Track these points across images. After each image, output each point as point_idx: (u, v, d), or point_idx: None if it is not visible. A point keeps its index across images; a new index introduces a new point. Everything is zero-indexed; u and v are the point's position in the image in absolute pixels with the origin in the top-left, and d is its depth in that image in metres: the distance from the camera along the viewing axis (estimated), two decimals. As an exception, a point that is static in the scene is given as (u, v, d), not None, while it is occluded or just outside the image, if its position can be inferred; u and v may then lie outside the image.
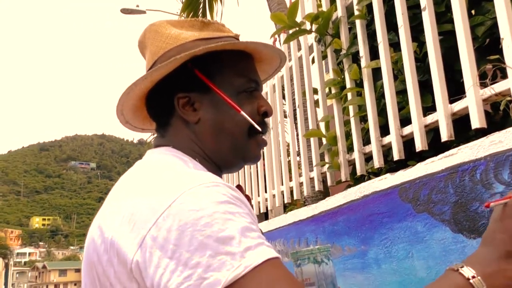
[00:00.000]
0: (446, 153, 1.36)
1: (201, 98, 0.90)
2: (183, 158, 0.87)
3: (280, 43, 3.30)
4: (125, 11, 13.39)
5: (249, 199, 0.89)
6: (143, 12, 13.68)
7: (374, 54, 2.09)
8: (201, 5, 5.44)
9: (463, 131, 1.66)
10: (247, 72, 0.93)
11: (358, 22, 2.10)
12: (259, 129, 0.91)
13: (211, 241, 0.66)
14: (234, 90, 0.90)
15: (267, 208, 3.13)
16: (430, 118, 1.68)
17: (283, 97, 3.16)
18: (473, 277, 0.68)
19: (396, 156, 1.81)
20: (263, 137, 0.95)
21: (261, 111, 0.93)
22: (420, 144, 1.69)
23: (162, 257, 0.67)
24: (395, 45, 1.98)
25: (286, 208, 3.87)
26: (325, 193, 3.06)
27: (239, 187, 0.90)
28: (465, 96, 1.52)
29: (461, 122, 1.63)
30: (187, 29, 0.94)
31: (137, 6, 13.67)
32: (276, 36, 3.30)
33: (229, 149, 0.91)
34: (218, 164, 0.93)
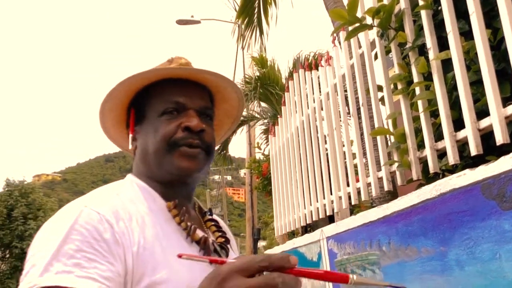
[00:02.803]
0: (534, 144, 1.26)
1: (140, 130, 1.03)
2: (127, 180, 1.01)
3: (339, 43, 3.22)
4: (181, 22, 13.67)
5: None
6: (198, 22, 13.93)
7: (441, 45, 1.99)
8: (256, 10, 5.44)
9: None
10: (169, 96, 1.01)
11: (423, 13, 2.00)
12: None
13: (38, 249, 0.78)
14: (155, 115, 1.00)
15: (333, 210, 3.06)
16: (510, 109, 1.57)
17: (345, 97, 3.08)
18: None
19: (473, 151, 1.70)
20: (188, 148, 0.99)
21: (182, 127, 0.98)
22: (500, 137, 1.57)
23: None
24: (464, 34, 1.88)
25: (352, 211, 3.77)
26: (393, 193, 2.95)
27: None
28: (551, 83, 1.40)
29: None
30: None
31: (192, 16, 13.91)
32: (335, 35, 3.23)
33: (156, 166, 0.99)
34: (159, 181, 1.00)
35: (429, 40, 1.97)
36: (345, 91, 3.08)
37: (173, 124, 0.98)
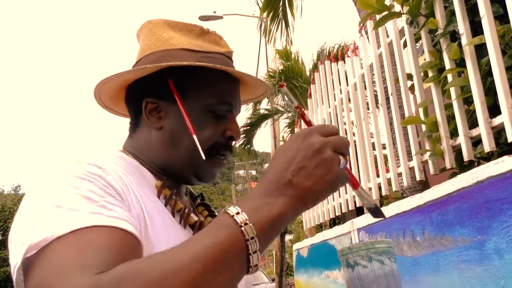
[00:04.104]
0: None
1: (168, 108, 0.89)
2: (111, 154, 0.87)
3: (366, 32, 3.18)
4: (203, 18, 13.71)
5: None
6: (220, 17, 13.96)
7: (474, 30, 1.95)
8: (281, 3, 5.42)
9: None
10: (223, 94, 0.91)
11: (455, -3, 1.96)
12: (204, 157, 0.87)
13: (44, 200, 0.68)
14: (202, 107, 0.89)
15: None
16: (549, 93, 1.52)
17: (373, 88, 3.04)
18: (237, 213, 0.63)
19: (510, 137, 1.66)
20: (223, 159, 0.94)
21: (226, 135, 0.92)
22: (539, 122, 1.53)
23: None
24: (499, 18, 1.83)
25: (382, 203, 3.73)
26: (425, 183, 2.91)
27: None
28: None
29: None
30: (182, 33, 0.94)
31: (214, 12, 13.94)
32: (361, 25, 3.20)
33: (184, 163, 0.90)
34: (168, 173, 0.91)
35: (462, 26, 1.93)
36: (373, 81, 3.05)
37: (219, 127, 0.90)
